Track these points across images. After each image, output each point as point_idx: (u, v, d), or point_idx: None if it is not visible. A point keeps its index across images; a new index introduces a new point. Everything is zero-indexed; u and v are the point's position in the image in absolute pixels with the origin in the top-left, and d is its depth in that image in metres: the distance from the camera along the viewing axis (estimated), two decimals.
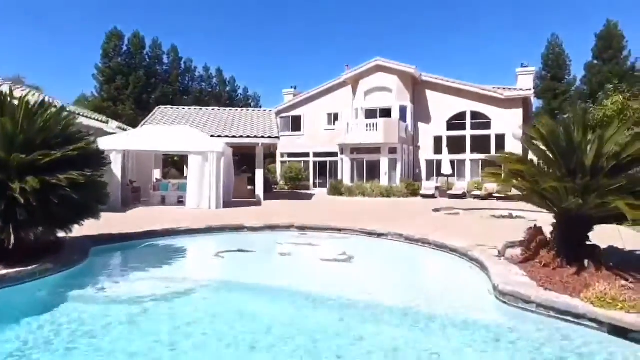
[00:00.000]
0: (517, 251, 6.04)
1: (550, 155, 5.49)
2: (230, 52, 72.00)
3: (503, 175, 6.40)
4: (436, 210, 14.54)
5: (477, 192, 20.61)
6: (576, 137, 5.10)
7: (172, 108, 21.93)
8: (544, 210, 5.99)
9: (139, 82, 37.64)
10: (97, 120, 15.80)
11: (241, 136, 17.90)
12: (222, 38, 72.31)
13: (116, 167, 13.81)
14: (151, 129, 15.47)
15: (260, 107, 38.28)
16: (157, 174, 18.39)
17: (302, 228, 9.68)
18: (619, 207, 4.37)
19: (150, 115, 20.60)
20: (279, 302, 4.83)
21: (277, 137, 18.09)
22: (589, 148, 4.97)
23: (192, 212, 12.66)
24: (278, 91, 33.03)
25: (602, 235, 5.91)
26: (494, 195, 19.99)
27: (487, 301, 4.69)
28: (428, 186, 22.34)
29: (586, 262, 5.18)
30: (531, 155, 6.65)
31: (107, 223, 9.60)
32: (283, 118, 31.05)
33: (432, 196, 21.50)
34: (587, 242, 5.51)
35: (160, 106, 22.16)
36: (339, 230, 9.37)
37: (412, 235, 8.07)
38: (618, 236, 7.77)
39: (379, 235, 8.69)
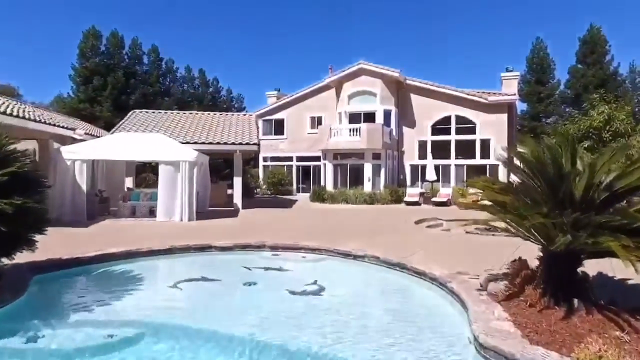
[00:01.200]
0: (500, 285, 5.52)
1: (536, 184, 4.97)
2: (213, 53, 70.93)
3: (487, 208, 5.87)
4: (419, 221, 14.04)
5: (462, 200, 20.24)
6: (565, 166, 4.58)
7: (147, 112, 21.09)
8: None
9: (118, 83, 36.48)
10: (63, 127, 14.89)
11: (218, 143, 17.21)
12: (204, 38, 71.22)
13: (81, 177, 13.01)
14: (120, 137, 14.67)
15: (245, 109, 37.54)
16: (129, 182, 17.55)
17: (274, 248, 9.05)
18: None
19: (125, 119, 19.75)
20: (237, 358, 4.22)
21: (257, 144, 17.43)
22: (578, 179, 4.46)
23: (161, 226, 11.93)
24: (263, 93, 32.26)
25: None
26: (478, 203, 19.60)
27: (467, 354, 4.14)
28: (412, 193, 21.91)
29: (576, 302, 4.66)
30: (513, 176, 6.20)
31: (65, 241, 8.89)
32: (266, 121, 30.40)
33: (417, 203, 21.07)
34: (577, 277, 5.01)
35: (135, 110, 21.31)
36: (314, 250, 8.77)
37: (389, 259, 7.50)
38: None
39: (355, 257, 8.11)
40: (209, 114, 21.77)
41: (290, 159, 29.63)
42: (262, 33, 76.47)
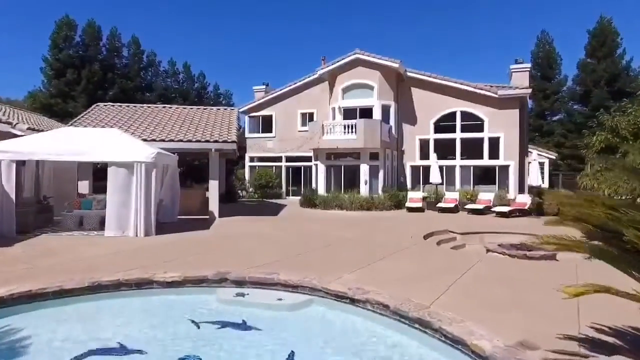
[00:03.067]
0: None
1: None
2: (199, 47, 67.93)
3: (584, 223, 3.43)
4: (429, 235, 11.58)
5: (472, 206, 17.80)
6: None
7: (113, 105, 18.45)
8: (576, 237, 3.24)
9: (94, 76, 33.74)
10: (2, 122, 12.32)
11: (189, 140, 14.61)
12: (189, 30, 68.28)
13: (9, 181, 10.39)
14: (65, 132, 12.05)
15: (233, 105, 34.87)
16: (84, 187, 14.91)
17: (240, 282, 6.52)
18: None
19: (84, 113, 17.13)
20: None
21: (235, 142, 14.86)
22: None
23: (107, 244, 9.35)
24: (252, 89, 29.70)
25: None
26: (492, 209, 17.21)
27: None
28: (414, 197, 19.45)
29: None
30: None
31: None
32: (252, 118, 27.91)
33: (420, 209, 18.64)
34: None
35: (99, 103, 18.66)
36: (295, 287, 6.26)
37: (403, 311, 4.99)
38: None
39: (353, 300, 5.60)
40: (184, 108, 19.18)
41: (279, 159, 27.10)
42: (252, 26, 73.83)
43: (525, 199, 17.01)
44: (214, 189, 15.28)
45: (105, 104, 18.61)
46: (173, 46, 67.35)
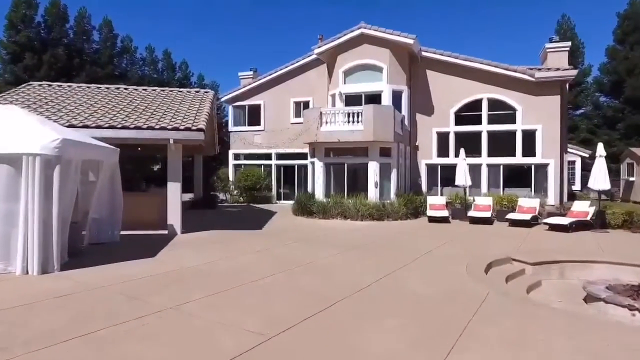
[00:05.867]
0: None
1: None
2: (182, 32, 63.32)
3: None
4: (489, 266, 7.55)
5: (516, 215, 13.81)
6: None
7: (50, 85, 14.24)
8: None
9: (57, 61, 29.44)
10: None
11: (138, 127, 10.48)
12: (171, 13, 63.81)
13: None
14: None
15: (219, 99, 30.64)
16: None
17: None
18: None
19: (9, 91, 12.97)
20: None
21: (202, 130, 10.77)
22: None
23: None
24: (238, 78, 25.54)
25: None
26: (542, 221, 13.23)
27: None
28: (436, 203, 15.45)
29: None
30: None
31: None
32: (237, 108, 23.82)
33: (444, 220, 14.66)
34: None
35: (33, 82, 14.47)
36: None
37: None
38: None
39: None
40: (144, 89, 14.99)
41: (268, 156, 23.02)
42: (242, 9, 69.61)
43: (584, 207, 13.09)
44: (174, 193, 11.19)
45: (41, 82, 14.41)
46: (151, 32, 62.52)
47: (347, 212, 15.04)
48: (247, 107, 23.69)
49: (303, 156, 20.62)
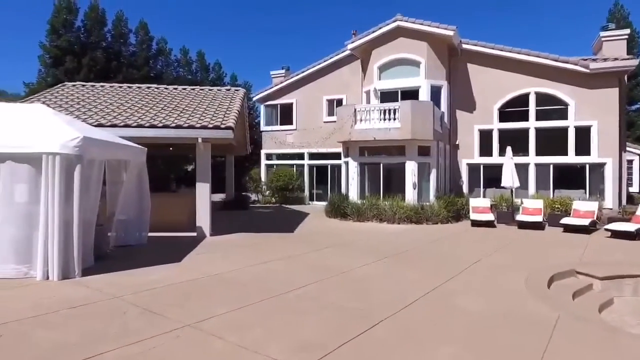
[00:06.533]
0: None
1: None
2: (215, 33, 63.82)
3: None
4: (552, 280, 6.57)
5: (571, 220, 12.49)
6: None
7: (83, 85, 14.27)
8: None
9: (95, 64, 30.12)
10: None
11: (166, 126, 10.12)
12: (205, 15, 64.55)
13: None
14: None
15: (251, 99, 30.50)
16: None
17: None
18: None
19: (42, 92, 13.03)
20: None
21: (231, 128, 10.28)
22: None
23: None
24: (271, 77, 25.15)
25: None
26: (602, 227, 11.85)
27: None
28: (480, 206, 14.35)
29: None
30: None
31: None
32: (269, 107, 23.40)
33: (489, 224, 13.55)
34: None
35: (67, 83, 14.55)
36: None
37: None
38: None
39: None
40: (174, 88, 14.76)
41: (300, 156, 22.47)
42: (274, 9, 69.65)
43: None
44: (203, 194, 10.77)
45: (75, 83, 14.47)
46: (186, 34, 63.39)
47: (382, 214, 14.21)
48: (279, 106, 23.24)
49: (336, 156, 19.94)
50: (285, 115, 23.01)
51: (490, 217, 13.61)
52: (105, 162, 8.16)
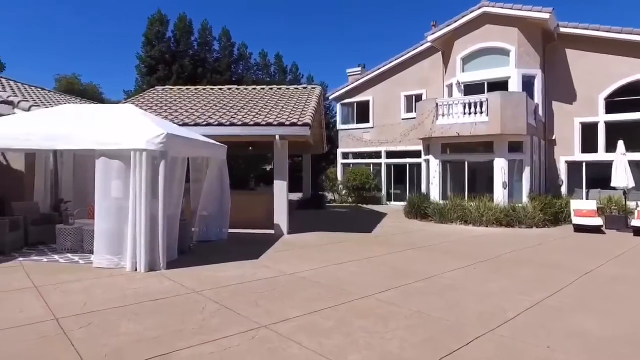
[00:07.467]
0: None
1: None
2: (292, 36, 64.99)
3: None
4: None
5: None
6: None
7: (171, 88, 15.15)
8: None
9: (183, 71, 32.23)
10: None
11: (244, 124, 10.23)
12: (282, 16, 65.95)
13: None
14: (53, 111, 8.38)
15: (327, 98, 30.50)
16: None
17: None
18: None
19: (136, 96, 14.03)
20: None
21: (307, 125, 10.11)
22: None
23: (81, 286, 5.16)
24: (347, 77, 24.89)
25: None
26: None
27: None
28: (584, 209, 12.65)
29: None
30: None
31: None
32: (345, 105, 23.12)
33: (596, 229, 11.88)
34: None
35: (157, 87, 15.54)
36: None
37: None
38: None
39: None
40: (253, 88, 15.11)
41: (377, 154, 21.88)
42: (347, 8, 69.34)
43: None
44: (280, 192, 10.74)
45: (164, 87, 15.44)
46: (264, 36, 65.54)
47: (467, 216, 13.15)
48: (355, 104, 22.87)
49: (415, 154, 19.05)
50: (362, 113, 22.57)
51: (597, 221, 11.91)
52: (189, 161, 8.42)
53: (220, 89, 14.97)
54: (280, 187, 10.73)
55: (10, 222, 7.80)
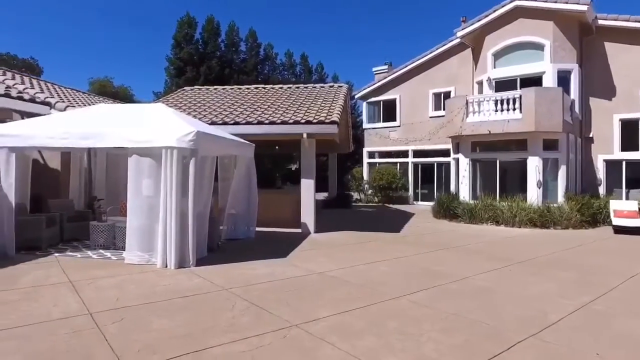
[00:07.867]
0: None
1: None
2: (317, 33, 64.83)
3: None
4: None
5: None
6: None
7: (200, 89, 15.36)
8: None
9: (211, 73, 32.72)
10: (37, 102, 9.69)
11: (272, 122, 10.23)
12: (307, 15, 65.92)
13: (8, 178, 7.21)
14: (89, 111, 8.59)
15: (353, 97, 30.30)
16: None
17: None
18: None
19: (166, 97, 14.29)
20: None
21: (335, 122, 10.01)
22: None
23: (111, 283, 5.25)
24: (373, 77, 24.64)
25: None
26: None
27: None
28: (625, 210, 12.04)
29: None
30: None
31: None
32: (371, 104, 22.89)
33: (638, 230, 11.27)
34: None
35: (186, 88, 15.78)
36: None
37: None
38: None
39: None
40: (280, 87, 15.12)
41: (404, 153, 21.55)
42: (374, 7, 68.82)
43: None
44: (307, 191, 10.68)
45: (193, 87, 15.67)
46: (290, 36, 65.79)
47: (499, 216, 12.73)
48: (381, 102, 22.61)
49: (443, 153, 18.66)
50: (388, 111, 22.28)
51: (636, 222, 11.30)
52: (218, 160, 8.46)
53: (247, 88, 15.07)
54: (307, 186, 10.67)
55: (47, 219, 8.03)
